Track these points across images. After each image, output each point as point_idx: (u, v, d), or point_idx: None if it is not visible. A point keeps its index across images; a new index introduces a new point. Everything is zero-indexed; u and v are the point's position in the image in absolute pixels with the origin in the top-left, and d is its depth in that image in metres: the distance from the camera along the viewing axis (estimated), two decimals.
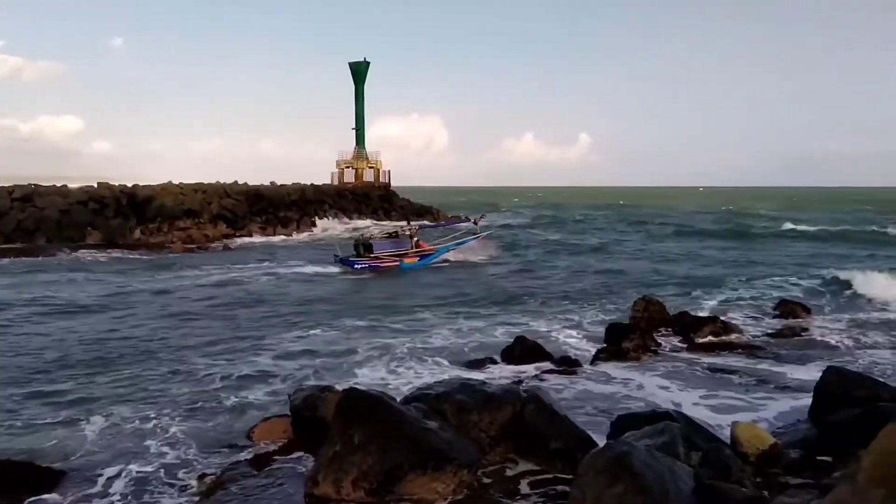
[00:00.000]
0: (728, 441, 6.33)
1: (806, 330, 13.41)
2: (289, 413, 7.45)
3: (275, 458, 6.87)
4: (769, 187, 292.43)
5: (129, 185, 39.70)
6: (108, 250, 30.79)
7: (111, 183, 39.40)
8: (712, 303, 16.61)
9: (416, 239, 26.27)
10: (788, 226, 44.61)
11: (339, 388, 7.26)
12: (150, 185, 40.61)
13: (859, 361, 10.95)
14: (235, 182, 46.35)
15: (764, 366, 10.80)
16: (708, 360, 11.10)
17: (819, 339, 12.72)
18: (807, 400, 7.52)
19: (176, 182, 42.91)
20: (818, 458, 6.12)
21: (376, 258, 24.91)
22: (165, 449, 7.38)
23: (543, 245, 34.36)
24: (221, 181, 45.85)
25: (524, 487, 6.11)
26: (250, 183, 46.88)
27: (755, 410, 8.53)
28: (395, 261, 25.11)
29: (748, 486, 5.29)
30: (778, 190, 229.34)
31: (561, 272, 23.15)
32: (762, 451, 6.10)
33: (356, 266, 24.38)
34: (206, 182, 44.52)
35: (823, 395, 7.09)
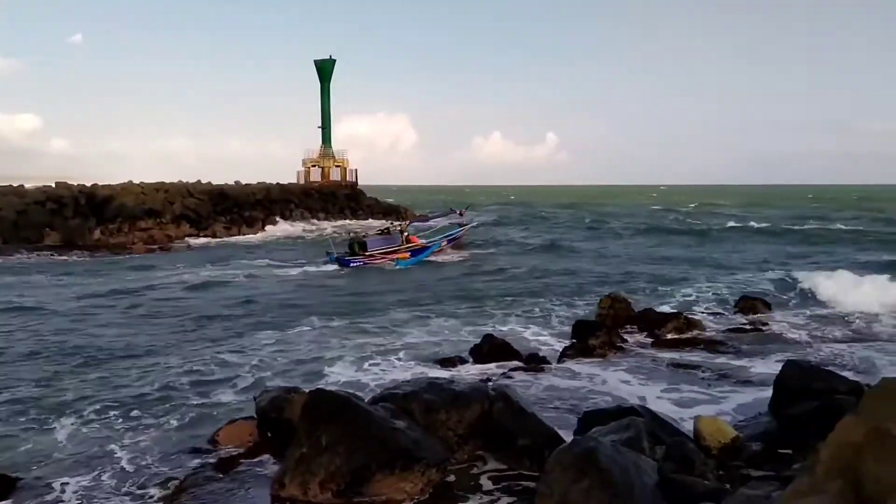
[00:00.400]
0: (691, 435, 6.43)
1: (766, 325, 13.71)
2: (254, 415, 7.34)
3: (240, 461, 6.76)
4: (733, 185, 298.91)
5: (89, 184, 38.75)
6: (67, 251, 30.09)
7: (70, 182, 38.39)
8: (676, 300, 16.86)
9: (406, 234, 26.70)
10: (750, 224, 45.56)
11: (305, 389, 7.18)
12: (110, 185, 39.66)
13: (818, 355, 11.22)
14: (199, 181, 45.52)
15: (726, 360, 11.00)
16: (672, 355, 11.28)
17: (779, 333, 13.01)
18: (767, 393, 7.67)
19: (137, 181, 42.04)
20: (778, 450, 6.26)
21: (371, 256, 25.25)
22: (128, 454, 7.20)
23: (512, 244, 34.53)
24: (184, 180, 45.06)
25: (492, 485, 6.13)
26: (214, 182, 46.13)
27: (717, 404, 8.68)
28: (390, 258, 25.40)
29: (711, 479, 5.39)
30: (741, 188, 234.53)
31: (529, 270, 23.26)
32: (724, 445, 6.22)
33: (352, 264, 24.56)
34: (168, 181, 43.70)
35: (783, 388, 7.25)
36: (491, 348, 11.08)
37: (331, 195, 50.48)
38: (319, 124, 54.74)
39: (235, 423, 7.25)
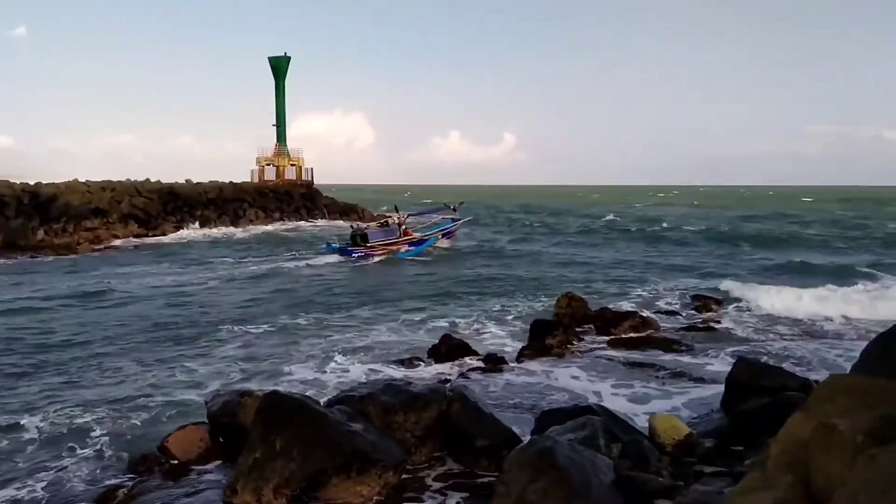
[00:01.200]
0: (647, 432, 6.51)
1: (719, 323, 14.02)
2: (206, 420, 7.14)
3: (191, 468, 6.57)
4: (687, 185, 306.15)
5: (32, 182, 37.38)
6: (9, 252, 28.92)
7: (12, 181, 37.00)
8: (631, 299, 17.12)
9: (403, 227, 27.72)
10: (702, 225, 46.52)
11: (259, 392, 7.01)
12: (54, 184, 38.30)
13: (768, 353, 11.50)
14: (147, 180, 44.08)
15: (679, 358, 11.19)
16: (627, 353, 11.42)
17: (731, 332, 13.31)
18: (720, 390, 7.83)
19: (83, 180, 40.70)
20: (731, 446, 6.37)
21: (371, 247, 26.24)
22: (75, 462, 6.97)
23: (469, 243, 34.70)
24: (132, 179, 43.62)
25: (450, 486, 6.09)
26: (164, 181, 44.73)
27: (672, 402, 8.81)
28: (389, 249, 26.37)
29: (665, 476, 5.45)
30: (695, 189, 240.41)
31: (486, 270, 23.34)
32: (678, 442, 6.31)
33: (354, 255, 25.67)
34: (115, 180, 42.30)
35: (734, 385, 7.40)
36: (449, 348, 11.06)
37: (286, 194, 49.76)
38: (274, 122, 53.94)
39: (185, 429, 7.03)
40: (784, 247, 32.14)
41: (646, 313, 14.51)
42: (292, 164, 53.29)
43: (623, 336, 12.63)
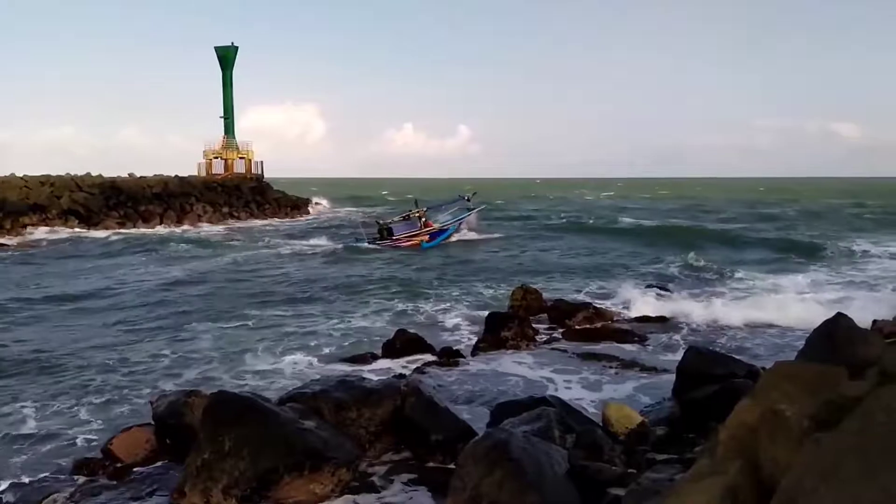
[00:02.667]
0: (601, 422, 6.57)
1: (670, 314, 14.25)
2: (152, 422, 6.91)
3: (136, 470, 6.34)
4: (645, 178, 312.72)
5: None
6: None
7: None
8: (585, 290, 17.32)
9: (423, 220, 29.61)
10: (652, 221, 47.06)
11: (206, 391, 6.81)
12: None
13: (719, 341, 11.76)
14: (88, 174, 42.45)
15: (633, 348, 11.36)
16: (581, 345, 11.52)
17: (681, 321, 13.54)
18: (671, 379, 7.96)
19: (20, 174, 39.17)
20: (682, 433, 6.48)
21: (397, 240, 28.30)
22: (10, 466, 6.66)
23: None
24: (73, 173, 42.03)
25: (405, 481, 6.02)
26: (106, 175, 43.11)
27: (625, 391, 8.94)
28: (413, 241, 28.37)
29: (618, 465, 5.50)
30: (654, 180, 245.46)
31: (440, 262, 23.31)
32: (631, 430, 6.38)
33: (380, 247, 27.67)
34: (54, 174, 40.79)
35: (685, 373, 7.53)
36: (403, 343, 10.98)
37: (235, 188, 48.33)
38: (222, 114, 52.58)
39: (130, 431, 6.79)
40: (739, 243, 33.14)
41: (599, 304, 14.70)
42: (241, 157, 51.95)
43: (577, 327, 12.75)
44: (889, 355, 2.97)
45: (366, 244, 27.99)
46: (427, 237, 28.86)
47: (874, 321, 12.24)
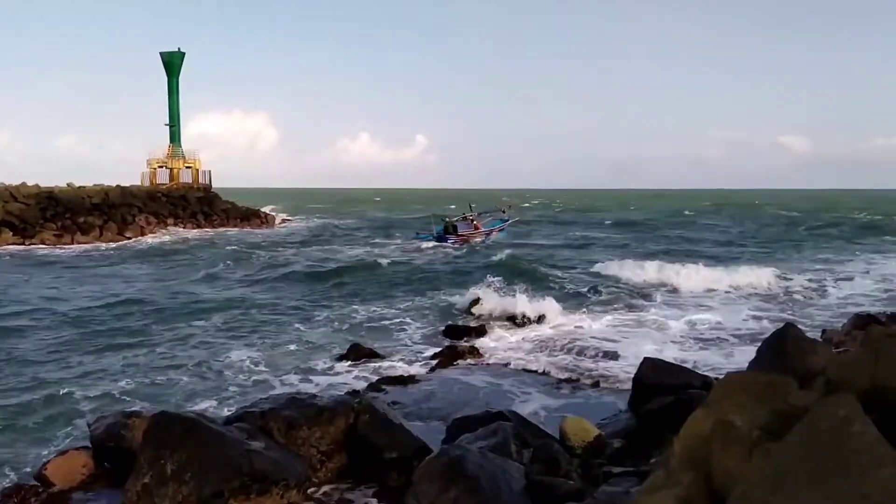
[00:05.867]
0: (558, 436, 6.50)
1: (628, 324, 14.35)
2: (89, 444, 6.57)
3: (72, 496, 6.01)
4: (599, 189, 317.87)
5: None
6: None
7: None
8: (542, 302, 17.28)
9: (475, 223, 36.44)
10: (602, 234, 47.37)
11: (147, 412, 6.52)
12: None
13: (675, 352, 11.77)
14: (23, 183, 40.54)
15: (592, 359, 11.33)
16: (539, 356, 11.48)
17: (640, 331, 13.61)
18: (627, 389, 7.95)
19: None
20: (638, 445, 6.45)
21: (461, 236, 33.91)
22: None
23: (388, 245, 34.75)
24: (6, 183, 40.16)
25: (358, 501, 5.84)
26: (43, 185, 41.16)
27: (582, 404, 8.89)
28: (469, 238, 33.94)
29: (575, 479, 5.43)
30: (608, 192, 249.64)
31: (394, 274, 23.12)
32: (588, 444, 6.33)
33: (449, 241, 33.14)
34: None
35: (641, 385, 7.54)
36: (357, 357, 10.80)
37: (181, 199, 46.73)
38: (167, 122, 51.25)
39: (66, 455, 6.43)
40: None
41: (558, 315, 14.64)
42: (188, 167, 50.46)
43: (535, 335, 12.72)
44: (834, 365, 2.98)
45: (433, 240, 33.75)
46: (482, 237, 35.39)
47: (823, 331, 12.57)
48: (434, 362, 11.14)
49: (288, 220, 58.47)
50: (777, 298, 17.93)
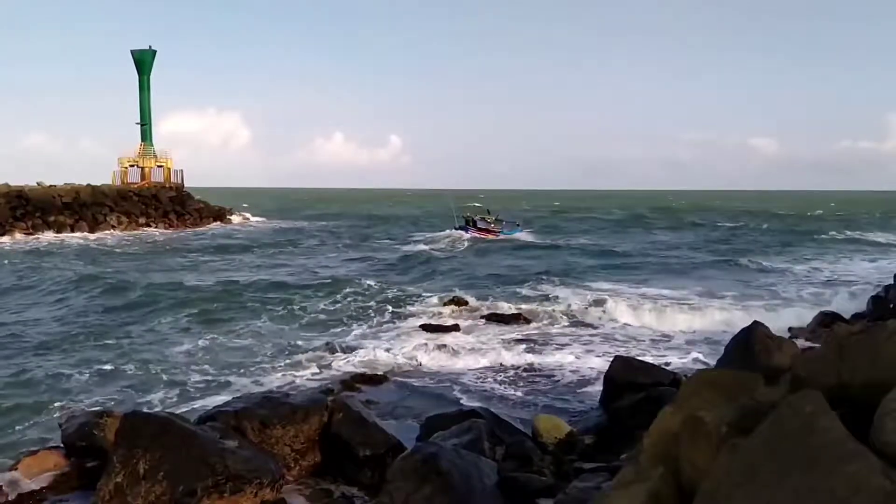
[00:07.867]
0: (530, 432, 6.58)
1: (600, 322, 14.51)
2: (61, 444, 6.47)
3: (44, 496, 5.91)
4: (570, 190, 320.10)
5: None
6: None
7: None
8: (516, 299, 17.39)
9: (492, 224, 39.65)
10: (582, 238, 47.62)
11: (118, 412, 6.44)
12: None
13: (646, 350, 11.96)
14: None
15: (563, 357, 11.45)
16: (513, 354, 11.57)
17: (611, 331, 13.80)
18: (599, 388, 8.07)
19: None
20: (609, 442, 6.57)
21: (480, 230, 38.00)
22: None
23: (369, 247, 34.64)
24: None
25: (332, 500, 5.85)
26: (12, 184, 40.64)
27: (555, 401, 9.00)
28: (486, 235, 37.37)
29: (547, 475, 5.52)
30: (578, 192, 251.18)
31: (369, 273, 23.09)
32: (560, 440, 6.43)
33: (468, 232, 37.41)
34: None
35: (612, 382, 7.67)
36: (333, 356, 10.77)
37: (153, 198, 46.27)
38: (139, 120, 50.55)
39: (38, 454, 6.33)
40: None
41: (531, 315, 14.76)
42: (159, 166, 49.96)
43: (509, 337, 12.83)
44: (800, 362, 3.07)
45: (456, 230, 38.04)
46: (497, 234, 38.78)
47: (790, 329, 12.88)
48: (409, 360, 11.17)
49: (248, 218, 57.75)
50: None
